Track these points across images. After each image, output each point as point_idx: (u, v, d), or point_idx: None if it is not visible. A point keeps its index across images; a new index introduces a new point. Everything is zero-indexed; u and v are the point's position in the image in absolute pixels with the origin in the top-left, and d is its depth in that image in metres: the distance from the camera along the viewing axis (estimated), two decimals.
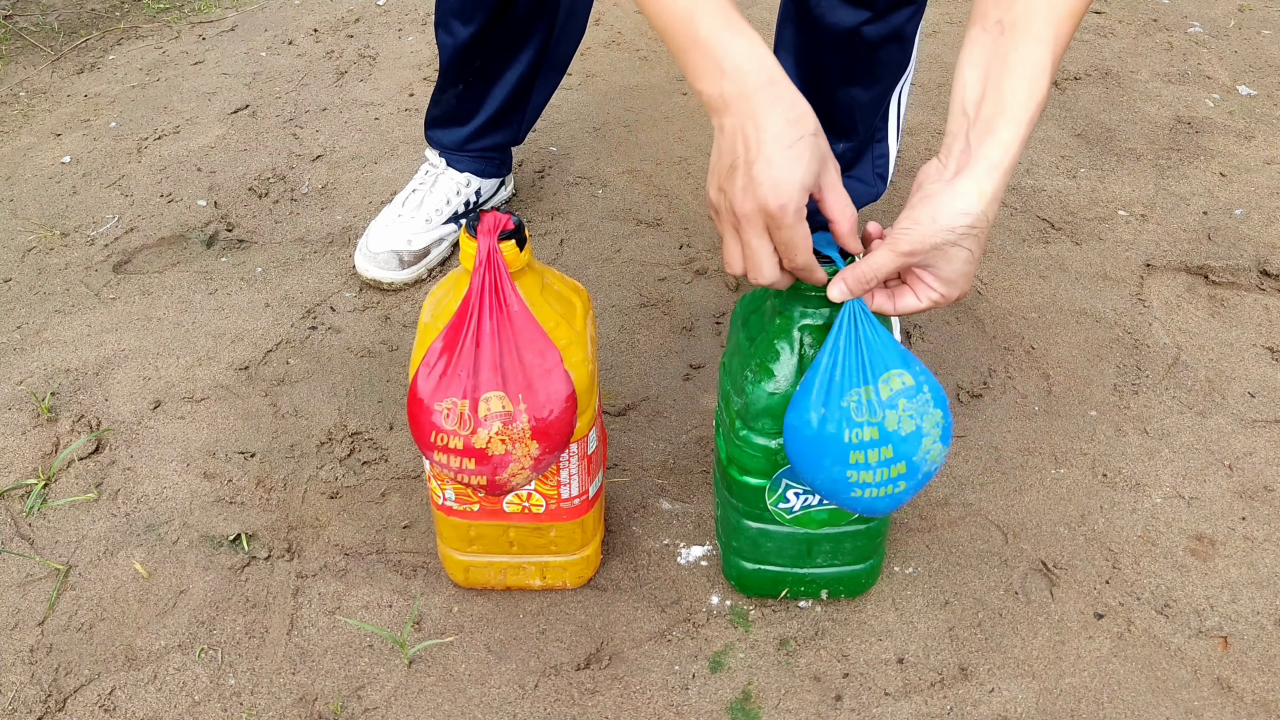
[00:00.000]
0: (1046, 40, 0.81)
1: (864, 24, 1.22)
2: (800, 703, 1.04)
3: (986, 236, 0.84)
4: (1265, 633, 1.10)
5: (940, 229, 0.82)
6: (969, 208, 0.82)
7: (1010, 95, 0.81)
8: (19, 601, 1.13)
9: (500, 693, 1.05)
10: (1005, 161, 0.82)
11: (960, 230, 0.82)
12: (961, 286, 0.86)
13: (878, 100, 1.31)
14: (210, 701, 1.04)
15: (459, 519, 1.06)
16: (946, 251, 0.83)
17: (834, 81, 1.29)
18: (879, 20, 1.22)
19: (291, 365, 1.40)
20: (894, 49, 1.26)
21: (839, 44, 1.25)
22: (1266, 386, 1.37)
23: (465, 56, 1.44)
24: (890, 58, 1.26)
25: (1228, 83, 1.97)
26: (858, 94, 1.30)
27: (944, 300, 0.87)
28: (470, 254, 0.91)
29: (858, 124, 1.33)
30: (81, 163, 1.77)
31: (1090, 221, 1.64)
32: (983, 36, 0.83)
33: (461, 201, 1.56)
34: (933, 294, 0.86)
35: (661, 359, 1.41)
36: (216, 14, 2.22)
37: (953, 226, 0.82)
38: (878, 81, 1.29)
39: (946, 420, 0.93)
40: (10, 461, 1.27)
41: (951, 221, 0.82)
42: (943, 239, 0.82)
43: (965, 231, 0.82)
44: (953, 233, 0.82)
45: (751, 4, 2.22)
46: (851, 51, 1.25)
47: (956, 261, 0.84)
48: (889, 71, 1.29)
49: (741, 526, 1.06)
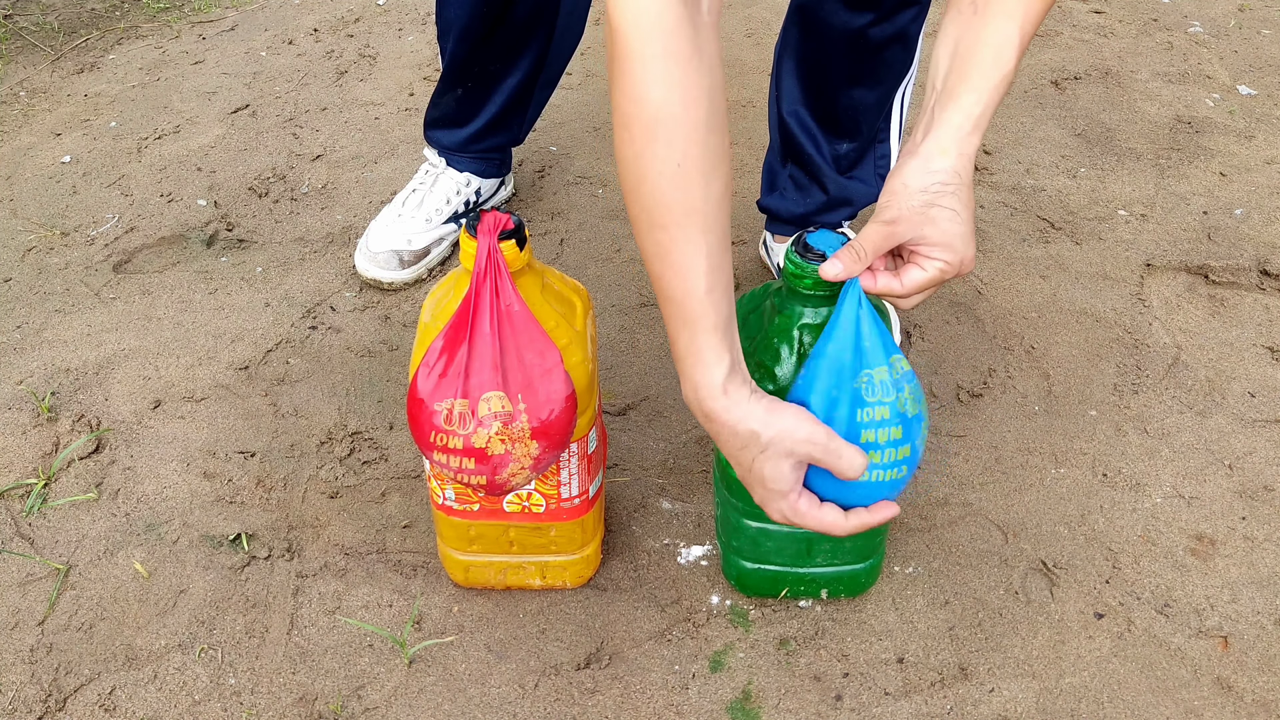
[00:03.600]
0: (1015, 16, 0.82)
1: (869, 26, 1.22)
2: (800, 702, 1.04)
3: (969, 197, 0.84)
4: (1265, 633, 1.10)
5: (914, 191, 0.83)
6: (937, 166, 0.83)
7: (974, 66, 0.83)
8: (19, 601, 1.13)
9: (500, 693, 1.05)
10: (967, 124, 0.83)
11: (934, 189, 0.83)
12: (960, 250, 0.85)
13: (881, 101, 1.31)
14: (210, 701, 1.04)
15: (459, 519, 1.06)
16: (929, 214, 0.83)
17: (838, 83, 1.29)
18: (884, 21, 1.22)
19: (291, 365, 1.40)
20: (898, 50, 1.26)
21: (844, 46, 1.25)
22: (1266, 386, 1.37)
23: (466, 62, 1.44)
24: (894, 59, 1.27)
25: (1228, 83, 1.97)
26: (862, 95, 1.30)
27: (949, 268, 0.86)
28: (470, 254, 0.91)
29: (861, 125, 1.33)
30: (81, 162, 1.77)
31: (1090, 221, 1.64)
32: (957, 18, 0.85)
33: (461, 201, 1.56)
34: (936, 263, 0.86)
35: (661, 359, 1.41)
36: (216, 14, 2.22)
37: (925, 186, 0.83)
38: (881, 82, 1.29)
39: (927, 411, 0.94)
40: (10, 461, 1.27)
41: (923, 181, 0.83)
42: (919, 200, 0.83)
43: (940, 189, 0.83)
44: (927, 192, 0.83)
45: (751, 3, 2.22)
46: (856, 53, 1.25)
47: (943, 222, 0.84)
48: (893, 72, 1.29)
49: (741, 526, 1.06)
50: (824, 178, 1.37)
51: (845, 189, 1.38)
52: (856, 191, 1.39)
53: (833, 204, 1.39)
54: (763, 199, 1.46)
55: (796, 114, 1.35)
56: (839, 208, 1.40)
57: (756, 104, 1.90)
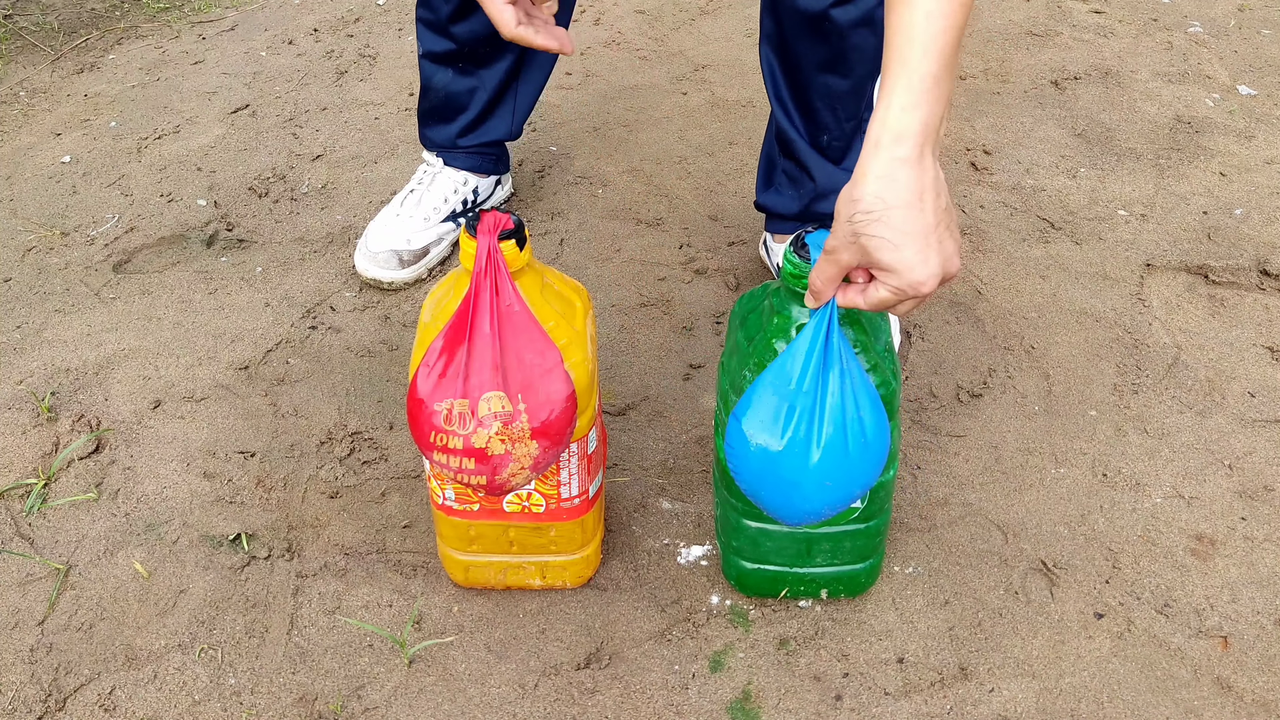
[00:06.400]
0: None
1: (831, 7, 1.22)
2: (800, 703, 1.04)
3: (913, 214, 0.80)
4: (1265, 633, 1.10)
5: (842, 222, 0.82)
6: (854, 194, 0.80)
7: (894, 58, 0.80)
8: (19, 601, 1.13)
9: (500, 693, 1.05)
10: (884, 135, 0.80)
11: (858, 220, 0.80)
12: (906, 275, 0.81)
13: (856, 89, 1.31)
14: (210, 701, 1.04)
15: (459, 519, 1.06)
16: (860, 244, 0.81)
17: (810, 70, 1.29)
18: (847, 3, 1.22)
19: (291, 365, 1.40)
20: (867, 34, 1.25)
21: (810, 29, 1.25)
22: (1266, 386, 1.37)
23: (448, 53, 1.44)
24: (865, 43, 1.26)
25: (1228, 83, 1.97)
26: (835, 82, 1.30)
27: (900, 291, 0.82)
28: (470, 254, 0.91)
29: (838, 113, 1.33)
30: (81, 162, 1.77)
31: (1090, 221, 1.64)
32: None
33: (459, 200, 1.56)
34: (882, 289, 0.83)
35: (661, 359, 1.41)
36: (216, 14, 2.22)
37: (849, 217, 0.81)
38: (853, 70, 1.28)
39: None
40: (10, 461, 1.27)
41: (846, 211, 0.81)
42: (847, 231, 0.81)
43: (864, 219, 0.80)
44: (852, 223, 0.81)
45: (751, 4, 2.22)
46: (823, 37, 1.25)
47: (878, 253, 0.80)
48: (864, 59, 1.27)
49: (741, 526, 1.06)
50: (812, 168, 1.37)
51: (834, 178, 1.37)
52: (843, 182, 1.39)
53: (823, 194, 1.38)
54: (759, 196, 1.45)
55: (780, 99, 1.36)
56: (830, 197, 1.39)
57: (756, 104, 1.90)
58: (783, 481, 0.91)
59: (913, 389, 1.36)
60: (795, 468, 0.90)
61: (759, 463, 0.92)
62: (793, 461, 0.90)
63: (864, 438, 0.91)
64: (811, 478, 0.90)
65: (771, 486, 0.92)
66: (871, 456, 0.92)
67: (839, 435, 0.89)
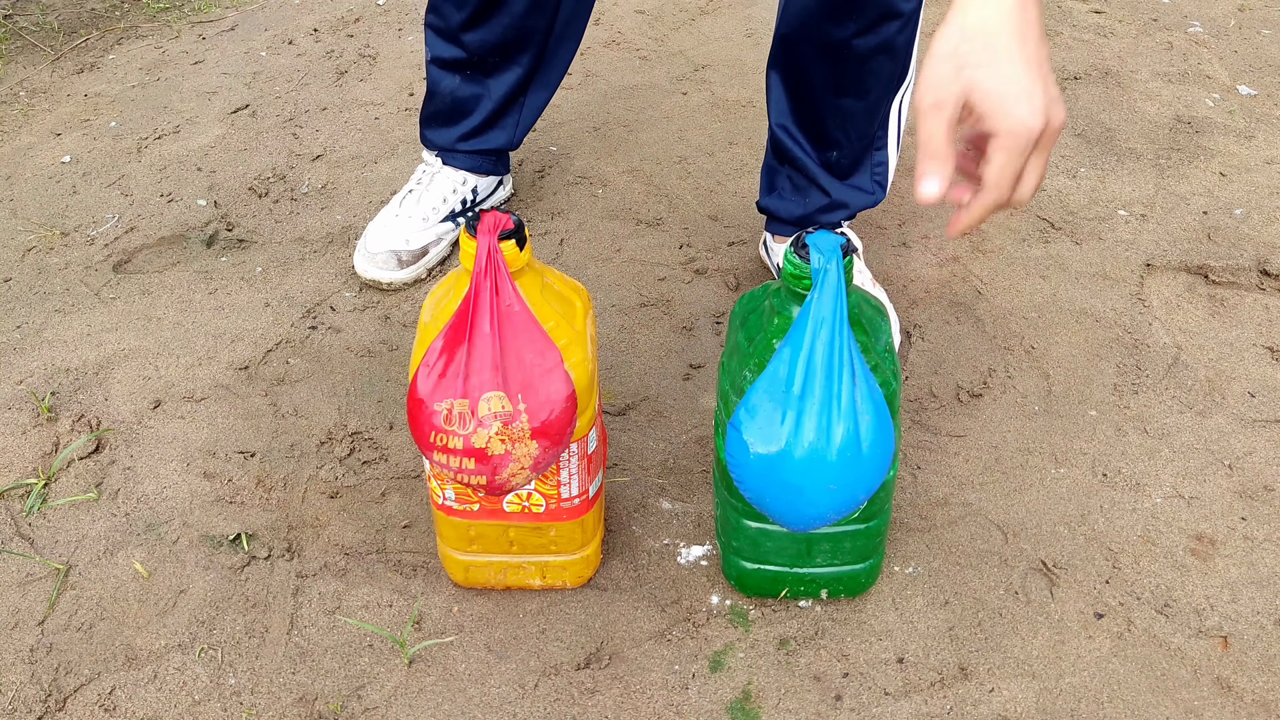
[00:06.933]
0: None
1: (852, 37, 1.22)
2: (800, 703, 1.04)
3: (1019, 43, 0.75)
4: (1265, 633, 1.10)
5: (937, 61, 0.77)
6: (956, 25, 0.76)
7: None
8: (19, 601, 1.13)
9: (500, 693, 1.05)
10: None
11: (961, 50, 0.75)
12: (1014, 109, 0.75)
13: (872, 110, 1.31)
14: (210, 701, 1.04)
15: (459, 519, 1.06)
16: (964, 78, 0.75)
17: (824, 94, 1.29)
18: (868, 33, 1.21)
19: (291, 365, 1.40)
20: (884, 60, 1.25)
21: (828, 58, 1.25)
22: (1266, 386, 1.37)
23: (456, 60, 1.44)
24: (882, 68, 1.26)
25: (1228, 83, 1.97)
26: (850, 104, 1.30)
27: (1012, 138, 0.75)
28: (470, 254, 0.91)
29: (850, 133, 1.33)
30: (81, 162, 1.77)
31: (1090, 221, 1.64)
32: None
33: (458, 200, 1.56)
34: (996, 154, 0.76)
35: (661, 359, 1.41)
36: (216, 14, 2.22)
37: (953, 49, 0.76)
38: (869, 91, 1.29)
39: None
40: (10, 461, 1.27)
41: (948, 45, 0.76)
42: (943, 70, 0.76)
43: (967, 47, 0.75)
44: (955, 56, 0.76)
45: (751, 3, 2.22)
46: (841, 64, 1.25)
47: (987, 82, 0.75)
48: (881, 81, 1.28)
49: (741, 526, 1.06)
50: (820, 182, 1.37)
51: (842, 193, 1.38)
52: (853, 197, 1.39)
53: (831, 206, 1.39)
54: (761, 199, 1.46)
55: (784, 126, 1.36)
56: (836, 209, 1.40)
57: (756, 104, 1.90)
58: (787, 487, 0.91)
59: (913, 389, 1.36)
60: (800, 473, 0.90)
61: (761, 470, 0.92)
62: (797, 467, 0.90)
63: (871, 439, 0.91)
64: (817, 483, 0.90)
65: (776, 493, 0.92)
66: (878, 458, 0.92)
67: (850, 437, 0.89)
